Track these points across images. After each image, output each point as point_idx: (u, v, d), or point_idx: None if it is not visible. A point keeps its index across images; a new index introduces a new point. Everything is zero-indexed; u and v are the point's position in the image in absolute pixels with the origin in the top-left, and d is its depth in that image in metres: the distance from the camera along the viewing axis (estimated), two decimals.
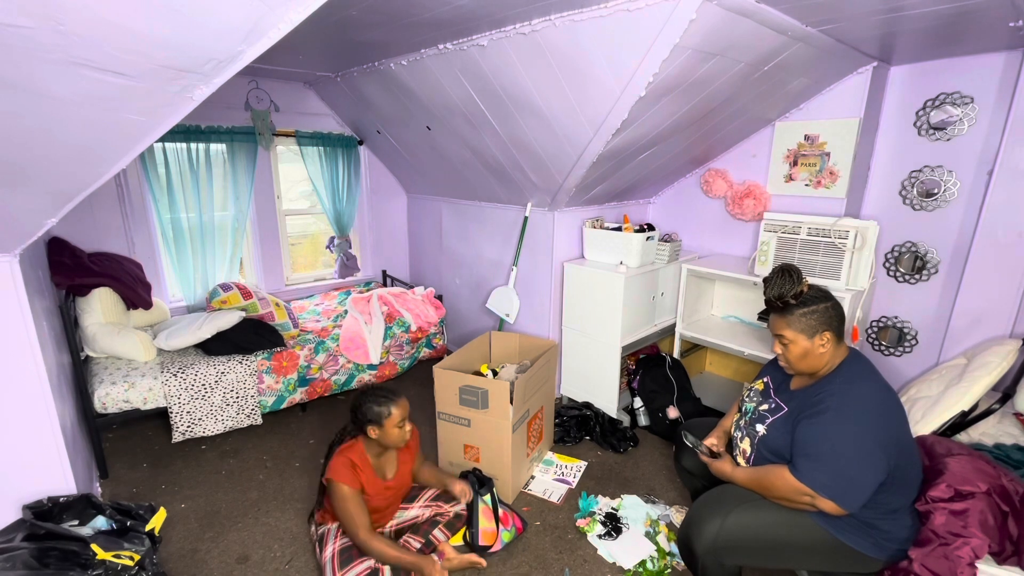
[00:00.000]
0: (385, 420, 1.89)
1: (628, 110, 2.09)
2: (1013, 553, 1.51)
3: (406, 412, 1.94)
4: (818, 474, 1.48)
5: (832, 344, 1.59)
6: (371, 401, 1.91)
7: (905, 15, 1.81)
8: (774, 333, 1.66)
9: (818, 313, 1.57)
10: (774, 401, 1.71)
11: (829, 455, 1.47)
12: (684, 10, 1.62)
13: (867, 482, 1.46)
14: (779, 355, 1.68)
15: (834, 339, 1.58)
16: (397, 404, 1.92)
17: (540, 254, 3.25)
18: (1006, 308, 2.37)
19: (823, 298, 1.60)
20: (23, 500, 1.80)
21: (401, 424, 1.92)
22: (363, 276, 4.41)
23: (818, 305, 1.58)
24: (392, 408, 1.90)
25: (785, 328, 1.61)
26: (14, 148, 1.22)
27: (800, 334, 1.59)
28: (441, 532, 2.06)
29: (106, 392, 2.55)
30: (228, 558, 2.11)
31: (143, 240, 3.34)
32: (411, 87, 2.80)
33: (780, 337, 1.64)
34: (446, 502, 2.16)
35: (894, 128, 2.67)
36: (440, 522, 2.09)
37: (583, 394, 3.24)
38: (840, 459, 1.46)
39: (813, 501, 1.50)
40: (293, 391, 3.06)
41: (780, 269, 1.63)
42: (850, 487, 1.46)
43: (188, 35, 1.00)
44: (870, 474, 1.46)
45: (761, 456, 1.66)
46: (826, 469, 1.47)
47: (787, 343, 1.62)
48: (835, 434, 1.48)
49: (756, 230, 3.13)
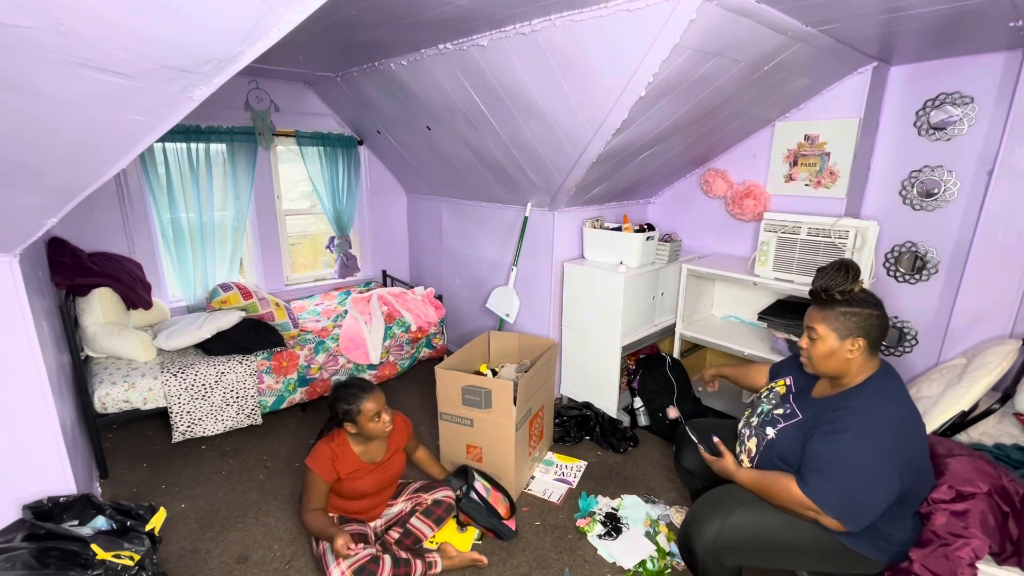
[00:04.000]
0: (358, 416, 1.91)
1: (628, 110, 2.09)
2: (1013, 553, 1.51)
3: (380, 404, 1.94)
4: (828, 494, 1.45)
5: (863, 354, 1.51)
6: (342, 399, 1.93)
7: (905, 15, 1.81)
8: (806, 325, 1.60)
9: (860, 318, 1.49)
10: (791, 407, 1.66)
11: (842, 476, 1.43)
12: (684, 10, 1.62)
13: (877, 505, 1.43)
14: (802, 350, 1.62)
15: (867, 349, 1.50)
16: (368, 398, 1.92)
17: (540, 254, 3.25)
18: (1006, 308, 2.37)
19: (871, 304, 1.51)
20: (23, 500, 1.80)
21: (375, 417, 1.93)
22: (363, 276, 4.41)
23: (862, 309, 1.49)
24: (362, 404, 1.91)
25: (820, 322, 1.54)
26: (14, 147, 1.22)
27: (832, 332, 1.52)
28: (419, 520, 2.09)
29: (106, 392, 2.55)
30: (228, 558, 2.11)
31: (143, 240, 3.34)
32: (411, 87, 2.80)
33: (810, 330, 1.57)
34: (426, 492, 2.18)
35: (894, 128, 2.67)
36: (418, 511, 2.12)
37: (583, 394, 3.24)
38: (853, 482, 1.42)
39: (817, 516, 1.48)
40: (293, 391, 3.06)
41: (839, 263, 1.54)
42: (859, 510, 1.43)
43: (188, 35, 1.00)
44: (881, 499, 1.43)
45: (766, 459, 1.64)
46: (838, 490, 1.43)
47: (815, 338, 1.55)
48: (852, 455, 1.42)
49: (756, 230, 3.13)
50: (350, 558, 1.80)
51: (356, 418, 1.92)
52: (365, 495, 2.03)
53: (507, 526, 2.17)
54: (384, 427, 1.96)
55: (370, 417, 1.92)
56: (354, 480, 1.98)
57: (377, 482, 2.05)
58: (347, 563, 1.79)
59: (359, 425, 1.93)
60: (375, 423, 1.93)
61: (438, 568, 1.99)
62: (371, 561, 1.82)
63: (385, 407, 1.97)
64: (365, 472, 2.01)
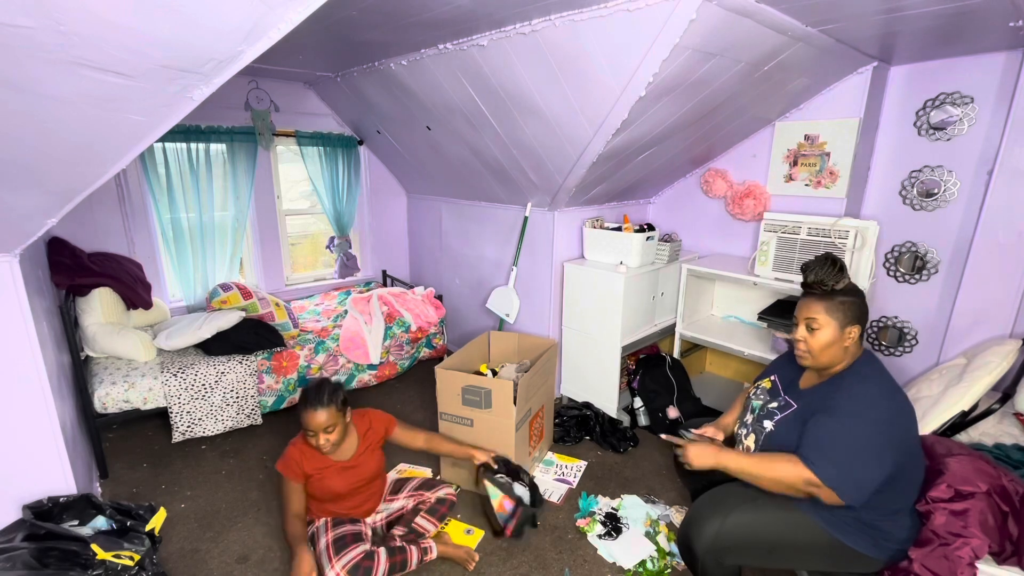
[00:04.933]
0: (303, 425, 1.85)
1: (628, 110, 2.09)
2: (1013, 553, 1.51)
3: (317, 425, 1.81)
4: (827, 466, 1.47)
5: (855, 342, 1.57)
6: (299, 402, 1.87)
7: (905, 15, 1.81)
8: (804, 317, 1.61)
9: (855, 306, 1.55)
10: (784, 399, 1.69)
11: (840, 448, 1.46)
12: (684, 10, 1.62)
13: (872, 478, 1.45)
14: (798, 343, 1.63)
15: (858, 337, 1.57)
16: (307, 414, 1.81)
17: (540, 254, 3.25)
18: (1006, 308, 2.37)
19: (857, 293, 1.59)
20: (23, 500, 1.80)
21: (312, 435, 1.83)
22: (363, 276, 4.41)
23: (856, 298, 1.57)
24: (303, 415, 1.83)
25: (820, 312, 1.56)
26: (14, 148, 1.22)
27: (833, 321, 1.55)
28: (424, 519, 2.09)
29: (106, 392, 2.55)
30: (228, 558, 2.11)
31: (143, 240, 3.34)
32: (411, 87, 2.80)
33: (810, 321, 1.58)
34: (428, 490, 2.17)
35: (894, 128, 2.67)
36: (422, 509, 2.11)
37: (583, 394, 3.24)
38: (850, 453, 1.45)
39: (816, 491, 1.48)
40: (293, 391, 3.06)
41: (826, 256, 1.59)
42: (856, 482, 1.45)
43: (188, 35, 1.00)
44: (876, 471, 1.46)
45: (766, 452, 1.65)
46: (836, 462, 1.46)
47: (816, 328, 1.57)
48: (848, 429, 1.47)
49: (756, 230, 3.13)
50: (344, 557, 1.80)
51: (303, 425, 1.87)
52: (339, 496, 1.97)
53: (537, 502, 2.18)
54: (320, 446, 1.84)
55: (308, 431, 1.84)
56: (324, 479, 1.93)
57: (349, 482, 1.97)
58: (341, 563, 1.79)
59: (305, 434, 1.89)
60: (310, 438, 1.86)
61: (433, 554, 2.00)
62: (366, 558, 1.82)
63: (325, 430, 1.83)
64: (334, 471, 1.95)
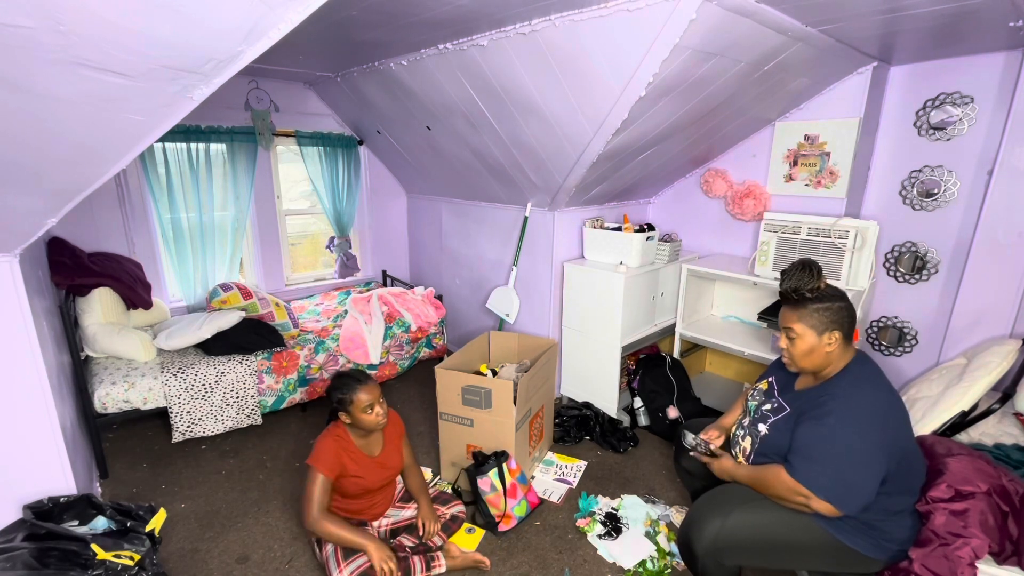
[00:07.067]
0: (350, 406, 1.90)
1: (628, 110, 2.09)
2: (1013, 553, 1.51)
3: (374, 396, 1.92)
4: (818, 476, 1.48)
5: (839, 345, 1.57)
6: (337, 388, 1.92)
7: (905, 15, 1.81)
8: (783, 326, 1.64)
9: (831, 311, 1.55)
10: (777, 401, 1.70)
11: (830, 458, 1.46)
12: (684, 10, 1.62)
13: (867, 486, 1.46)
14: (783, 350, 1.66)
15: (842, 340, 1.57)
16: (361, 389, 1.91)
17: (540, 254, 3.25)
18: (1006, 308, 2.37)
19: (838, 297, 1.58)
20: (23, 500, 1.80)
21: (368, 408, 1.91)
22: (363, 276, 4.41)
23: (832, 303, 1.56)
24: (356, 394, 1.90)
25: (796, 321, 1.59)
26: (14, 148, 1.22)
27: (810, 329, 1.57)
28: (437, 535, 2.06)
29: (106, 392, 2.55)
30: (228, 558, 2.11)
31: (143, 240, 3.34)
32: (411, 87, 2.80)
33: (788, 330, 1.61)
34: (443, 504, 2.16)
35: (894, 128, 2.67)
36: None
37: (583, 394, 3.24)
38: (841, 462, 1.46)
39: (808, 502, 1.49)
40: (293, 391, 3.06)
41: (800, 263, 1.61)
42: (850, 491, 1.46)
43: (188, 35, 1.00)
44: (870, 479, 1.46)
45: (761, 455, 1.66)
46: (827, 472, 1.47)
47: (794, 337, 1.60)
48: (837, 437, 1.47)
49: (756, 230, 3.13)
50: (353, 563, 1.79)
51: (349, 408, 1.91)
52: (369, 491, 2.01)
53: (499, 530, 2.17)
54: (377, 419, 1.93)
55: (363, 408, 1.90)
56: (360, 475, 1.96)
57: (380, 477, 2.02)
58: (349, 568, 1.78)
59: (352, 415, 1.92)
60: (367, 415, 1.91)
61: (442, 567, 1.99)
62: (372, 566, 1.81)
63: (380, 400, 1.95)
64: (372, 465, 1.99)
